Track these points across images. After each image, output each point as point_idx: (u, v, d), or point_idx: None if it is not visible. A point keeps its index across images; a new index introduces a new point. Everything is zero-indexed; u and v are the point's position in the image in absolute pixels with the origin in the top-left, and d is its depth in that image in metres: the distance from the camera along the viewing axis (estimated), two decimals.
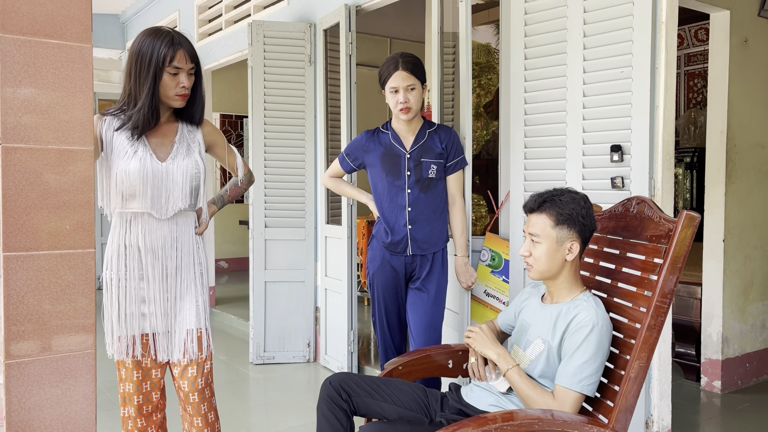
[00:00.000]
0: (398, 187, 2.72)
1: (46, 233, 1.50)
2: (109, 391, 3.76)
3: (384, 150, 2.75)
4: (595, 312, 1.75)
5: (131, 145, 1.96)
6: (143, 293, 2.01)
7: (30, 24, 1.45)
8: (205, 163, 2.09)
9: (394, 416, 1.94)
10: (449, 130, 2.80)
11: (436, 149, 2.72)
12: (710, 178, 3.72)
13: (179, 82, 1.97)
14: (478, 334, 1.96)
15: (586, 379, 1.71)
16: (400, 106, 2.66)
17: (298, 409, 3.45)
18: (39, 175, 1.50)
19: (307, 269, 4.31)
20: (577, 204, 1.82)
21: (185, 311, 2.05)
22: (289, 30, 4.25)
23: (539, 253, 1.83)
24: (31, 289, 1.49)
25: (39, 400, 1.50)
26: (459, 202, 2.81)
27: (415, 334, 2.75)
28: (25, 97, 1.46)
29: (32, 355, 1.50)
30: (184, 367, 2.04)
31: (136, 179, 1.94)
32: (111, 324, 2.01)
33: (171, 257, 2.02)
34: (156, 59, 1.93)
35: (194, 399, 2.05)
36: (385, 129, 2.80)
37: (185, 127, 2.08)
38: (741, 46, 3.67)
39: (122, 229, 2.00)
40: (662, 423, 2.59)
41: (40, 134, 1.49)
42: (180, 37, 1.98)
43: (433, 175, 2.72)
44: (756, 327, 3.86)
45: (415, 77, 2.65)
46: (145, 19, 6.88)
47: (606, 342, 1.75)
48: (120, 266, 2.00)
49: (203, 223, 2.14)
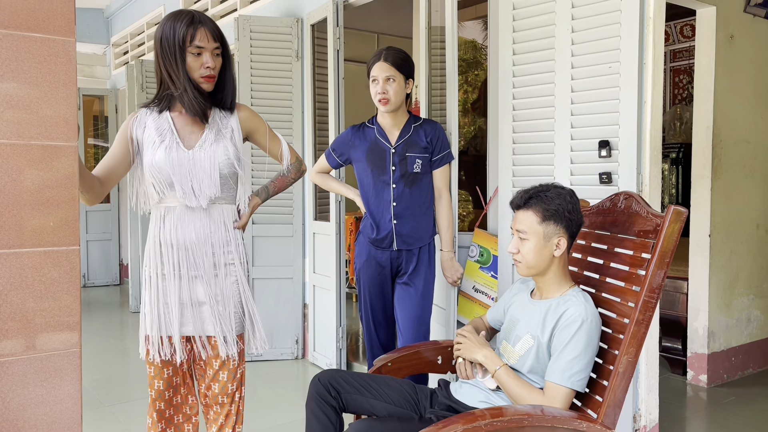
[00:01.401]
0: (383, 182, 2.72)
1: (29, 230, 1.48)
2: (96, 390, 3.73)
3: (369, 145, 2.75)
4: (584, 307, 1.75)
5: (159, 134, 1.89)
6: (175, 292, 1.91)
7: (12, 17, 1.42)
8: (239, 150, 1.97)
9: (384, 413, 1.93)
10: (435, 124, 2.80)
11: (420, 143, 2.72)
12: (696, 174, 3.74)
13: (203, 62, 1.87)
14: (465, 341, 1.96)
15: (576, 374, 1.71)
16: (378, 96, 2.66)
17: (287, 407, 3.44)
18: (22, 172, 1.47)
19: (295, 266, 4.29)
20: (563, 199, 1.82)
21: (210, 314, 1.93)
22: (276, 25, 4.22)
23: (527, 250, 1.83)
24: (14, 287, 1.47)
25: (23, 400, 1.48)
26: (445, 196, 2.80)
27: (403, 329, 2.74)
28: (7, 91, 1.43)
29: (16, 354, 1.48)
30: (215, 371, 1.98)
31: (163, 169, 1.87)
32: (143, 322, 1.94)
33: (205, 254, 1.91)
34: (177, 39, 1.85)
35: (223, 401, 2.00)
36: (371, 124, 2.80)
37: (217, 113, 1.97)
38: (727, 42, 3.69)
39: (156, 225, 1.92)
40: (650, 417, 2.61)
41: (22, 130, 1.47)
42: (201, 15, 1.89)
43: (418, 169, 2.71)
44: (741, 321, 3.90)
45: (395, 69, 2.64)
46: (129, 13, 6.81)
47: (595, 337, 1.75)
48: (155, 263, 1.92)
49: (243, 217, 2.00)
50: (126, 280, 7.10)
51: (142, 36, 6.60)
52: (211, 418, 2.04)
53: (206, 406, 2.04)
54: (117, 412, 3.39)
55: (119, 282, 7.40)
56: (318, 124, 4.21)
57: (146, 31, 6.51)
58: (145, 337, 1.94)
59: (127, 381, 3.97)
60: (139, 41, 6.72)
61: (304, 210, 4.27)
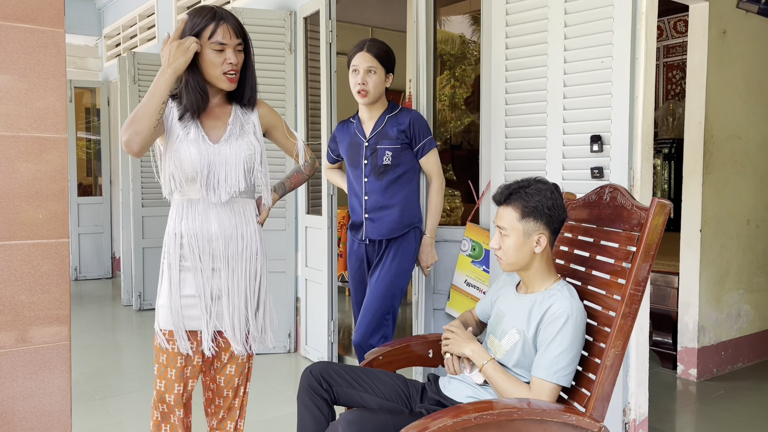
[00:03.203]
0: (357, 175, 2.75)
1: (19, 223, 1.47)
2: (86, 382, 3.72)
3: (349, 139, 2.79)
4: (569, 302, 1.76)
5: (183, 127, 1.87)
6: (194, 284, 1.88)
7: (0, 8, 1.41)
8: (262, 145, 1.96)
9: (375, 407, 1.94)
10: (410, 112, 2.76)
11: (392, 134, 2.70)
12: (688, 169, 3.76)
13: (226, 58, 1.84)
14: (453, 336, 1.96)
15: (562, 370, 1.72)
16: (357, 87, 2.66)
17: (279, 400, 3.44)
18: (11, 164, 1.47)
19: (288, 259, 4.28)
20: (542, 195, 1.80)
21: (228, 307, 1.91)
22: (269, 18, 4.20)
23: (507, 246, 1.83)
24: (5, 279, 1.46)
25: (13, 393, 1.48)
26: (435, 182, 2.81)
27: (359, 317, 2.75)
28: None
29: (6, 347, 1.47)
30: (223, 363, 1.97)
31: (189, 162, 1.84)
32: (158, 313, 1.91)
33: (228, 246, 1.90)
34: (194, 32, 1.82)
35: (227, 394, 1.99)
36: (353, 118, 2.82)
37: (238, 109, 1.96)
38: (720, 37, 3.70)
39: (177, 217, 1.89)
40: (639, 411, 2.62)
41: (12, 121, 1.46)
42: (223, 11, 1.86)
43: (388, 161, 2.69)
44: (731, 316, 3.92)
45: (377, 61, 2.65)
46: (122, 5, 6.77)
47: (581, 332, 1.76)
48: (174, 255, 1.88)
49: (264, 211, 2.01)
50: (118, 274, 7.07)
51: (135, 28, 6.56)
52: (212, 411, 2.03)
53: (208, 399, 2.03)
54: (108, 405, 3.38)
55: (111, 275, 7.38)
56: (310, 117, 4.20)
57: (138, 23, 6.47)
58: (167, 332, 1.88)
59: (118, 374, 3.97)
60: (131, 33, 6.68)
61: (297, 203, 4.27)
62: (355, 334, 2.74)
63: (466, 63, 5.47)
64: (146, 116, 1.75)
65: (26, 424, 1.49)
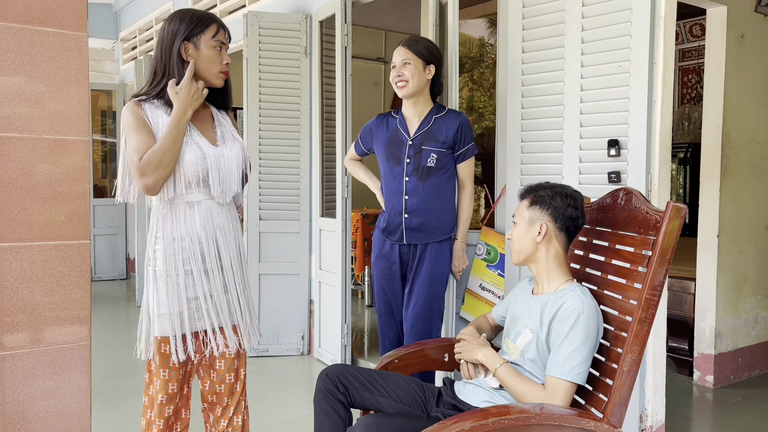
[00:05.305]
0: (398, 173, 2.72)
1: (39, 224, 1.49)
2: (102, 382, 3.74)
3: (389, 134, 2.76)
4: (580, 300, 1.75)
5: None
6: (197, 288, 1.88)
7: (25, 12, 1.43)
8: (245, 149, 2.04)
9: (391, 411, 1.94)
10: (459, 116, 2.76)
11: (440, 137, 2.69)
12: (705, 174, 3.73)
13: (224, 58, 1.91)
14: (464, 344, 1.99)
15: (576, 367, 1.71)
16: (395, 80, 2.69)
17: (293, 402, 3.45)
18: (33, 165, 1.48)
19: (302, 262, 4.29)
20: (554, 190, 1.86)
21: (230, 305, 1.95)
22: (285, 21, 4.22)
23: (515, 235, 1.90)
24: (24, 280, 1.48)
25: (33, 392, 1.49)
26: (468, 188, 2.82)
27: (406, 325, 2.74)
28: (19, 85, 1.44)
29: (25, 347, 1.49)
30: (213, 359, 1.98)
31: (197, 164, 1.84)
32: (149, 321, 1.89)
33: (229, 245, 1.93)
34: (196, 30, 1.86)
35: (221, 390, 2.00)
36: (396, 113, 2.81)
37: (218, 113, 2.01)
38: (737, 41, 3.67)
39: (176, 221, 1.86)
40: (656, 417, 2.60)
41: (34, 124, 1.48)
42: (217, 17, 1.95)
43: (432, 164, 2.68)
44: (749, 322, 3.88)
45: (411, 53, 2.66)
46: (139, 8, 6.83)
47: (593, 330, 1.75)
48: (175, 260, 1.85)
49: (241, 211, 2.10)
50: (132, 275, 7.12)
51: (151, 31, 6.61)
52: (207, 408, 2.02)
53: (210, 403, 2.01)
54: (123, 405, 3.40)
55: (126, 276, 7.43)
56: (325, 120, 4.21)
57: (155, 27, 6.52)
58: (160, 339, 1.88)
59: (134, 374, 3.99)
60: (147, 36, 6.73)
61: (311, 206, 4.28)
62: (407, 341, 2.73)
63: (484, 66, 5.46)
64: (173, 160, 1.80)
65: (46, 424, 1.51)
